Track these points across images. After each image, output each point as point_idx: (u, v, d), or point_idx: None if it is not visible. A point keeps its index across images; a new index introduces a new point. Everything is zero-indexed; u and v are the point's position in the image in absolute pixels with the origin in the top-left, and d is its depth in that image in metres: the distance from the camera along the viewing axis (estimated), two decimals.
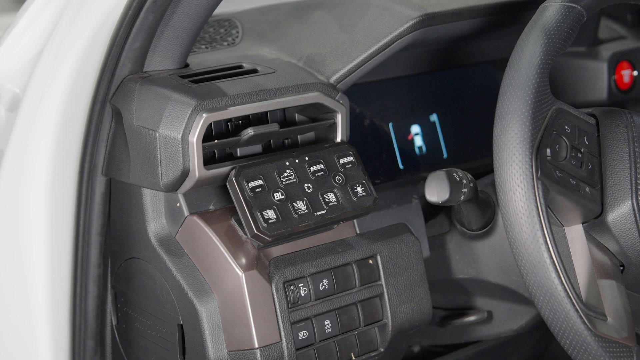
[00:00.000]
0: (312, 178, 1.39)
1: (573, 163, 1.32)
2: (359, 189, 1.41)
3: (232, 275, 1.34)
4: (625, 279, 1.38)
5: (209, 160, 1.39)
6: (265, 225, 1.32)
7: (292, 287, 1.37)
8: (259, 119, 1.44)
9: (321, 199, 1.38)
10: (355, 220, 1.48)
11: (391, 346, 1.48)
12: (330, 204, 1.38)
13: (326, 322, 1.39)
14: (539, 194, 1.22)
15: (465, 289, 1.65)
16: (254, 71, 1.46)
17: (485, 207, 1.53)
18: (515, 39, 1.32)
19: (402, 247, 1.50)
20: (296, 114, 1.48)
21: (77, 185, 1.43)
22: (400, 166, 1.68)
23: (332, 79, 1.47)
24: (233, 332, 1.35)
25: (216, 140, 1.36)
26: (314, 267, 1.40)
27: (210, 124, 1.36)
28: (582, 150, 1.34)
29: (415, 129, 1.71)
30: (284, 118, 1.46)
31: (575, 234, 1.35)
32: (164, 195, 1.39)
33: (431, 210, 1.63)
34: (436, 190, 1.40)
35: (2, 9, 2.63)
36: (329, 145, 1.43)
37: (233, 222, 1.38)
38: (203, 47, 1.62)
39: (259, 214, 1.32)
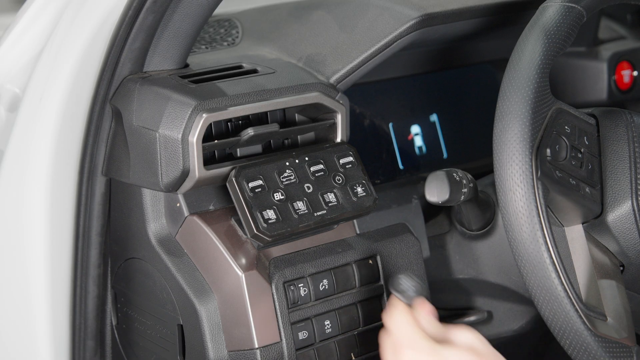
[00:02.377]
0: (312, 178, 1.39)
1: (573, 163, 1.32)
2: (359, 189, 1.41)
3: (232, 276, 1.34)
4: (625, 279, 1.38)
5: (209, 160, 1.39)
6: (265, 225, 1.32)
7: (292, 287, 1.37)
8: (259, 119, 1.44)
9: (321, 199, 1.38)
10: (355, 221, 1.48)
11: None
12: (330, 204, 1.38)
13: (326, 322, 1.39)
14: (538, 194, 1.22)
15: (465, 289, 1.65)
16: (254, 71, 1.46)
17: (485, 207, 1.53)
18: (515, 39, 1.32)
19: (402, 247, 1.51)
20: (296, 114, 1.48)
21: (77, 185, 1.43)
22: (400, 166, 1.68)
23: (332, 79, 1.47)
24: (233, 332, 1.35)
25: (216, 141, 1.36)
26: (314, 267, 1.40)
27: (210, 124, 1.36)
28: (582, 150, 1.34)
29: (415, 129, 1.71)
30: (284, 118, 1.46)
31: (575, 234, 1.35)
32: (164, 196, 1.39)
33: (431, 210, 1.63)
34: (436, 191, 1.40)
35: (2, 9, 2.63)
36: (329, 146, 1.43)
37: (233, 222, 1.38)
38: (203, 47, 1.62)
39: (259, 214, 1.32)
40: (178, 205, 1.38)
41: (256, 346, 1.34)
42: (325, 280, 1.41)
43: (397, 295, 1.28)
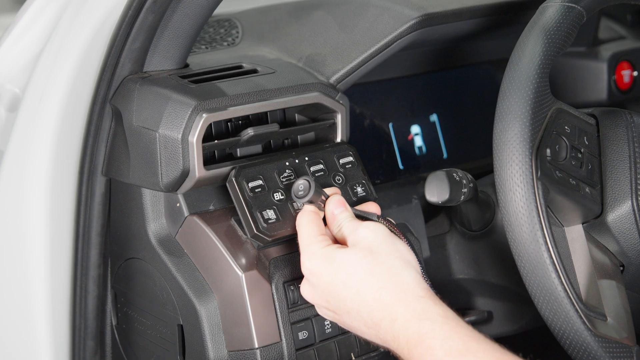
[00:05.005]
0: (312, 178, 1.38)
1: (573, 163, 1.32)
2: (359, 189, 1.41)
3: (232, 276, 1.34)
4: (625, 279, 1.38)
5: (209, 160, 1.39)
6: (265, 225, 1.32)
7: (292, 288, 1.37)
8: (259, 119, 1.44)
9: None
10: None
11: None
12: None
13: (326, 323, 1.39)
14: (538, 194, 1.22)
15: (465, 289, 1.65)
16: (254, 71, 1.46)
17: (485, 207, 1.53)
18: (515, 39, 1.32)
19: None
20: (296, 114, 1.48)
21: (77, 185, 1.43)
22: (400, 166, 1.68)
23: (332, 79, 1.47)
24: (233, 332, 1.35)
25: (216, 141, 1.36)
26: None
27: (210, 124, 1.36)
28: (582, 150, 1.34)
29: (415, 129, 1.71)
30: (284, 118, 1.46)
31: (575, 234, 1.35)
32: (164, 196, 1.39)
33: (431, 210, 1.63)
34: (436, 191, 1.40)
35: (2, 9, 2.63)
36: (329, 146, 1.43)
37: (233, 222, 1.38)
38: (203, 47, 1.62)
39: (259, 214, 1.32)
40: (178, 205, 1.38)
41: (256, 346, 1.34)
42: None
43: (295, 199, 1.29)
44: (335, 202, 1.30)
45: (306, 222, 1.28)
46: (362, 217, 1.30)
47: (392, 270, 1.21)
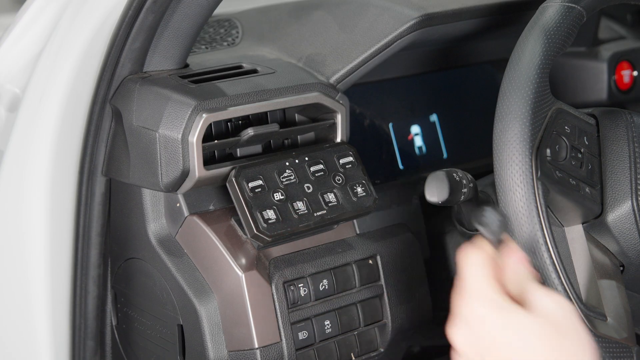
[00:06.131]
0: (312, 178, 1.39)
1: (573, 163, 1.32)
2: (359, 189, 1.41)
3: (232, 276, 1.35)
4: (625, 279, 1.38)
5: (209, 160, 1.39)
6: (265, 225, 1.32)
7: (292, 288, 1.37)
8: (259, 119, 1.44)
9: (321, 199, 1.38)
10: (355, 221, 1.48)
11: (391, 346, 1.48)
12: (330, 204, 1.38)
13: (326, 323, 1.39)
14: (538, 194, 1.22)
15: None
16: (254, 71, 1.46)
17: None
18: (515, 39, 1.32)
19: (402, 247, 1.50)
20: (296, 114, 1.48)
21: (77, 185, 1.43)
22: (400, 166, 1.68)
23: (332, 79, 1.47)
24: (233, 332, 1.35)
25: (216, 141, 1.36)
26: (314, 268, 1.40)
27: (210, 124, 1.36)
28: (582, 150, 1.34)
29: (415, 129, 1.71)
30: (284, 118, 1.46)
31: (575, 234, 1.35)
32: (164, 196, 1.39)
33: (431, 210, 1.63)
34: (436, 191, 1.40)
35: (2, 9, 2.63)
36: (329, 146, 1.43)
37: (233, 222, 1.38)
38: (203, 47, 1.62)
39: (258, 214, 1.32)
40: (178, 205, 1.38)
41: (256, 346, 1.34)
42: (325, 280, 1.41)
43: (481, 229, 1.11)
44: (520, 258, 1.12)
45: (483, 263, 1.10)
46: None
47: (569, 358, 1.06)
